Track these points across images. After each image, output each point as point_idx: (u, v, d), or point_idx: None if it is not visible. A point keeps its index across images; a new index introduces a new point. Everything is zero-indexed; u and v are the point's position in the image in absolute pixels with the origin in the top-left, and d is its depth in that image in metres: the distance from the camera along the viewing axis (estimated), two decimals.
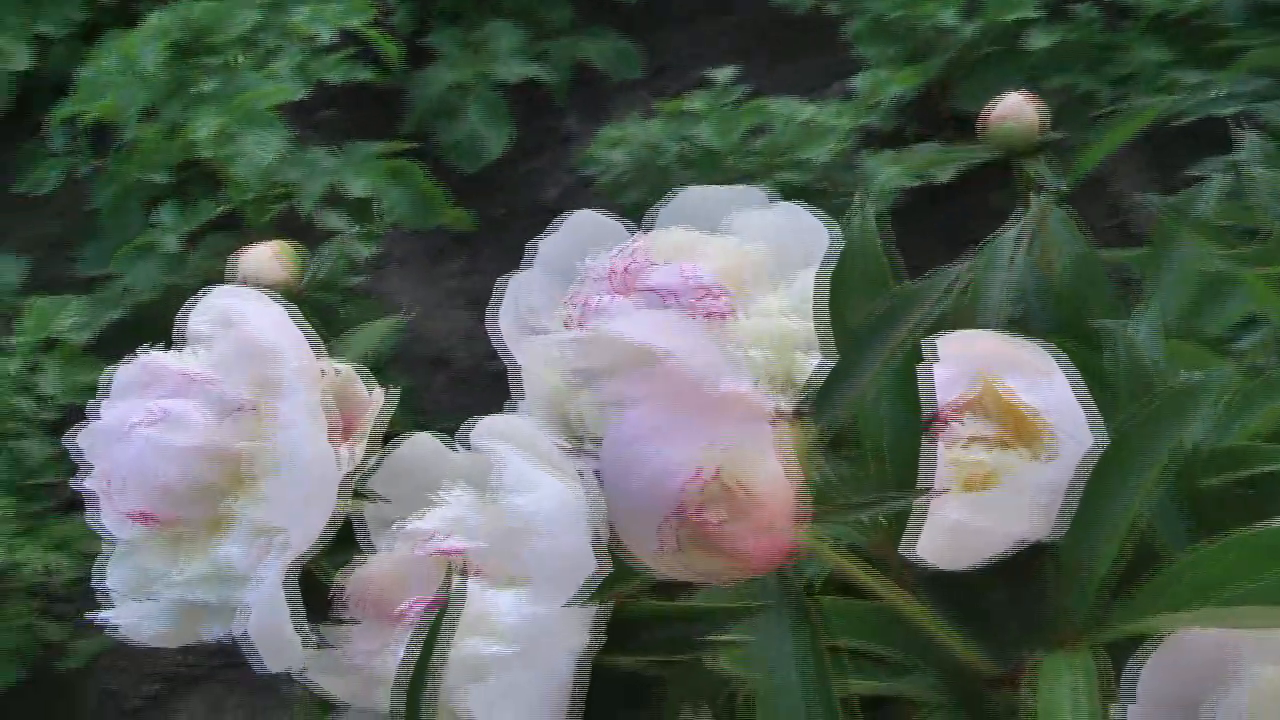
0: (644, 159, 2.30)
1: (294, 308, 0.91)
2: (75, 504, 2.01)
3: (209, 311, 0.89)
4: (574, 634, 0.82)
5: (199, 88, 2.01)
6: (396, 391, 0.89)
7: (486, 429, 0.88)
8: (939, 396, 0.77)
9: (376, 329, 0.96)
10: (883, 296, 0.72)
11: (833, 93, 2.60)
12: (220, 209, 2.10)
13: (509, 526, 0.82)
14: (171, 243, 2.04)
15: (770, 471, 0.59)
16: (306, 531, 0.82)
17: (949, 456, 0.78)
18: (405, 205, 2.10)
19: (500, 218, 2.53)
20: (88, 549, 1.87)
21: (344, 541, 0.90)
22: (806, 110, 2.35)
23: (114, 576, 0.88)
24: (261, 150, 1.93)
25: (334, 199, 2.13)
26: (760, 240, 0.96)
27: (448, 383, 2.38)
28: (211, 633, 0.86)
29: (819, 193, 2.35)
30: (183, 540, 0.85)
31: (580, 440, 0.96)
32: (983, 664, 0.74)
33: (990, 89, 2.48)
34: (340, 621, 0.90)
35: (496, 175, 2.52)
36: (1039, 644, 0.72)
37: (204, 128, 1.92)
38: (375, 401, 0.88)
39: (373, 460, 0.87)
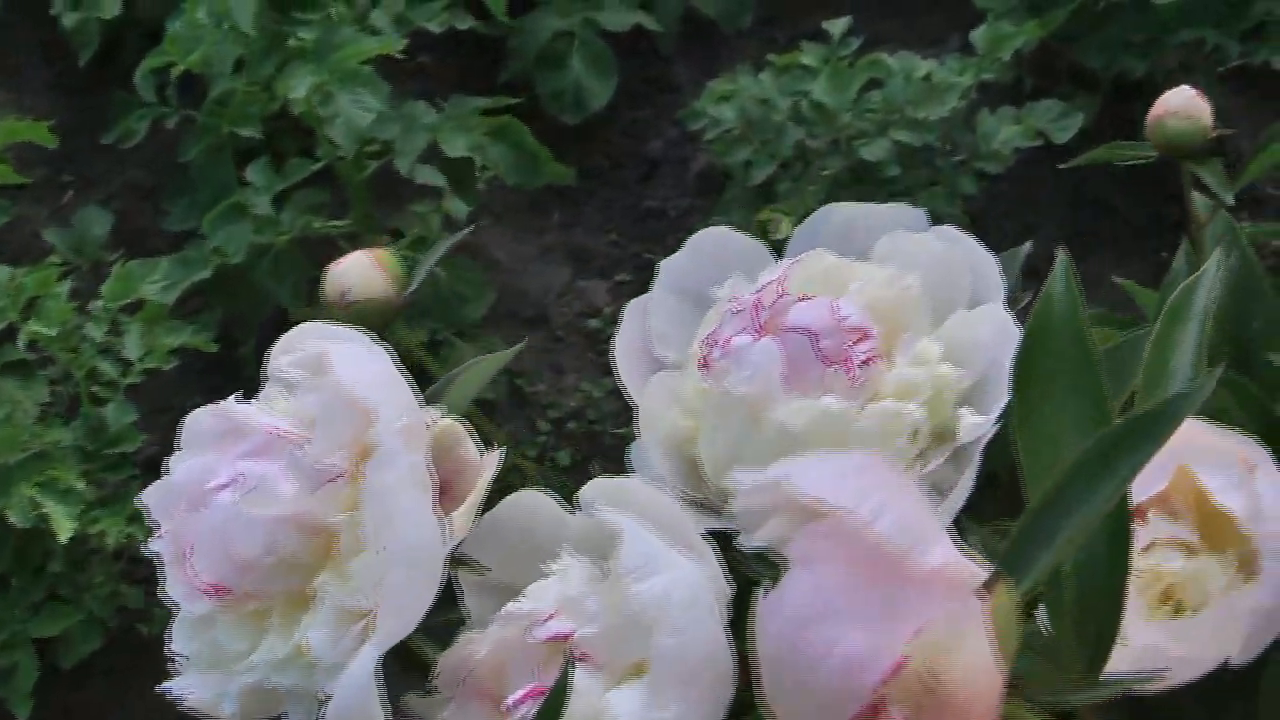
0: (754, 115, 2.17)
1: (391, 352, 0.79)
2: (157, 469, 1.91)
3: (299, 353, 0.77)
4: None
5: (295, 40, 1.89)
6: (504, 450, 0.77)
7: (601, 492, 0.77)
8: None
9: (484, 368, 0.84)
10: (1094, 429, 0.59)
11: (950, 47, 2.46)
12: (314, 166, 1.99)
13: (631, 613, 0.71)
14: (263, 204, 1.93)
15: (974, 657, 0.47)
16: (403, 618, 0.71)
17: (1136, 564, 0.67)
18: (508, 164, 1.98)
19: (602, 170, 2.42)
20: None
21: (441, 601, 0.79)
22: (925, 66, 2.22)
23: (184, 645, 0.78)
24: (360, 111, 1.82)
25: (432, 154, 2.02)
26: (917, 270, 0.84)
27: (544, 341, 2.27)
28: (292, 716, 0.75)
29: (937, 152, 2.22)
30: (262, 618, 0.74)
31: (707, 492, 0.84)
32: None
33: (1114, 42, 2.37)
34: (432, 694, 0.79)
35: (599, 126, 2.41)
36: None
37: (300, 86, 1.81)
38: (486, 465, 0.77)
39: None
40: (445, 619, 0.80)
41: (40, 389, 1.88)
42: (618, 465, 0.87)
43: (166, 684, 0.78)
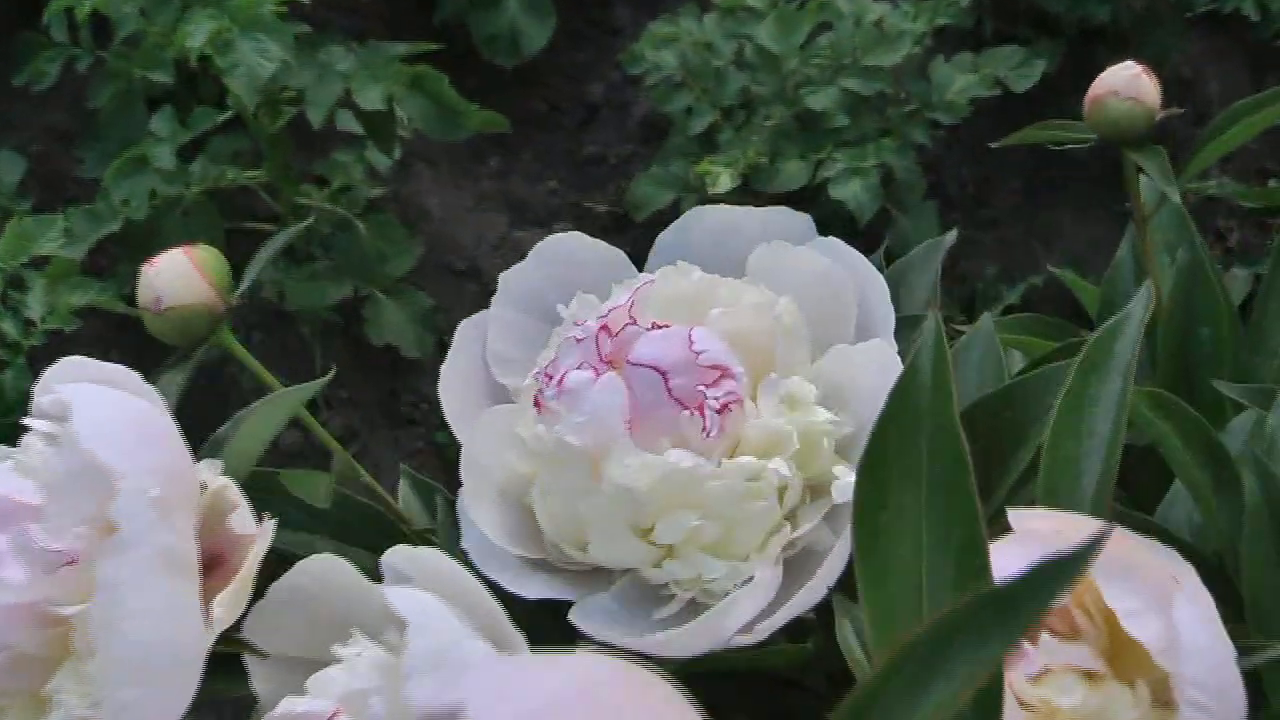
0: (696, 61, 2.04)
1: (155, 394, 0.67)
2: None
3: (51, 397, 0.65)
4: None
5: None
6: (275, 521, 0.65)
7: (401, 563, 0.65)
8: None
9: (276, 410, 0.72)
10: (957, 559, 0.47)
11: None
12: (222, 116, 1.87)
13: None
14: (165, 155, 1.80)
15: None
16: None
17: (1025, 694, 0.55)
18: (426, 116, 1.86)
19: (541, 115, 2.29)
20: None
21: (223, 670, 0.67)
22: (877, 9, 2.10)
23: None
24: (262, 60, 1.69)
25: (350, 102, 1.89)
26: (794, 291, 0.71)
27: (478, 296, 2.15)
28: None
29: (889, 100, 2.10)
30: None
31: (546, 550, 0.73)
32: None
33: None
34: None
35: (537, 69, 2.29)
36: None
37: (199, 33, 1.68)
38: (259, 536, 0.64)
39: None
40: (238, 695, 0.68)
41: None
42: None
43: None
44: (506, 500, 0.73)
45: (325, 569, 0.66)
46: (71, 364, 0.67)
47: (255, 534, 0.64)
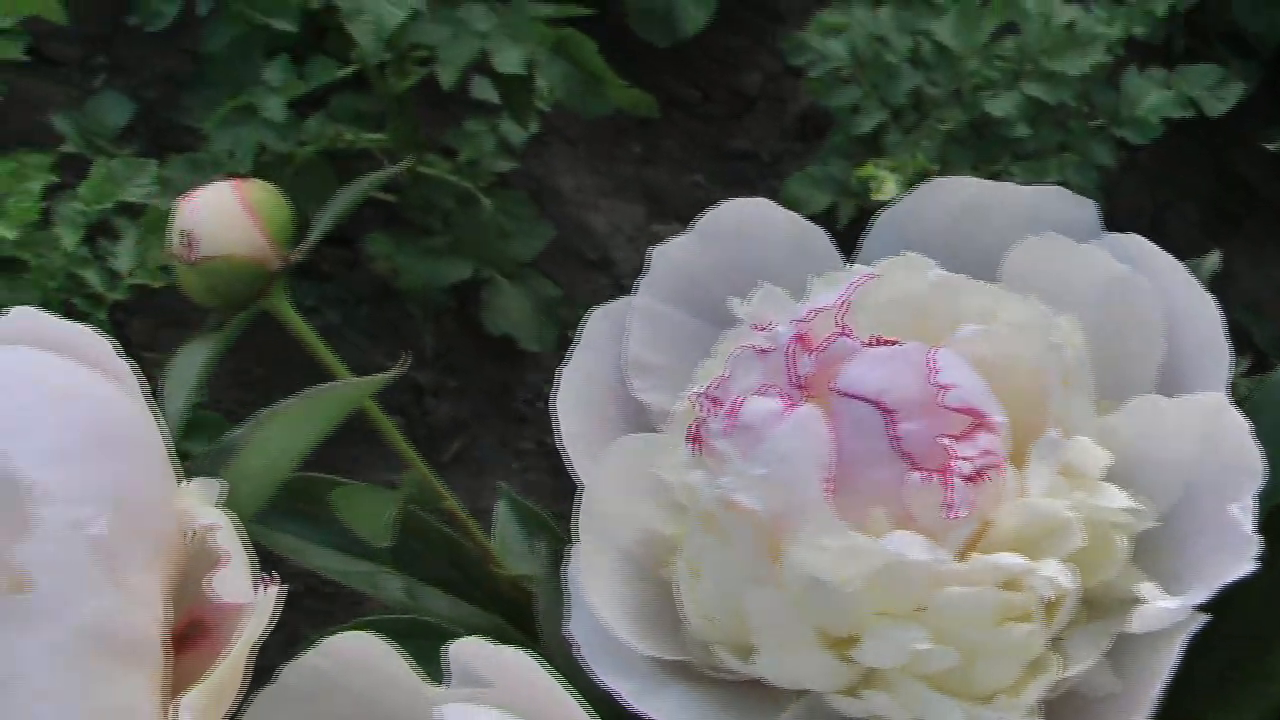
0: (868, 53, 1.81)
1: (131, 376, 0.44)
2: None
3: None
4: None
5: None
6: (284, 590, 0.41)
7: (472, 660, 0.42)
8: None
9: (316, 411, 0.48)
10: None
11: None
12: (344, 71, 1.66)
13: None
14: (275, 107, 1.59)
15: None
16: None
17: None
18: (567, 85, 1.63)
19: (690, 102, 2.07)
20: None
21: None
22: (1067, 12, 1.86)
23: None
24: (391, 6, 1.47)
25: (488, 67, 1.68)
26: (1075, 308, 0.47)
27: (607, 289, 1.94)
28: None
29: (1072, 113, 1.86)
30: None
31: (684, 648, 0.49)
32: None
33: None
34: None
35: (690, 52, 2.06)
36: None
37: None
38: (254, 610, 0.41)
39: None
40: None
41: (29, 292, 1.55)
42: None
43: None
44: (636, 571, 0.49)
45: (359, 654, 0.43)
46: (21, 316, 0.44)
47: (247, 605, 0.41)
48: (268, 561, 0.48)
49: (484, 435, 1.88)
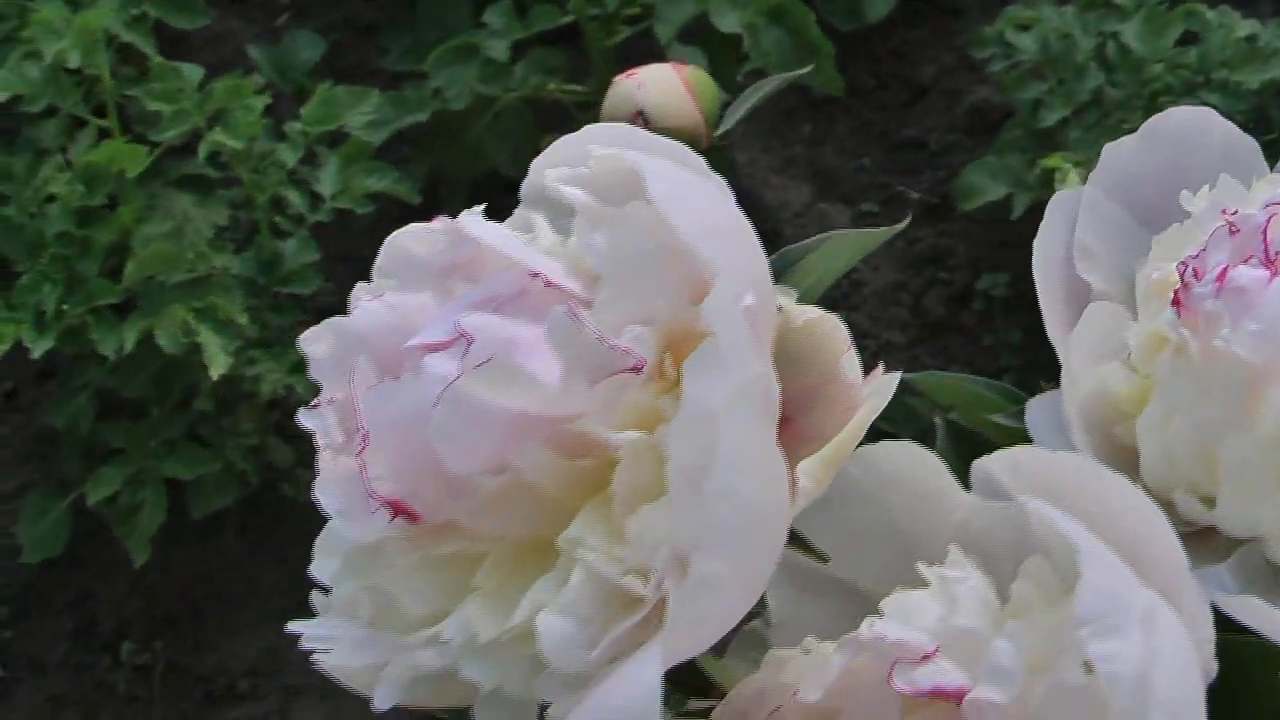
0: (1059, 49, 1.84)
1: (726, 187, 0.49)
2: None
3: (590, 165, 0.47)
4: None
5: None
6: (899, 374, 0.46)
7: (1026, 470, 0.46)
8: None
9: (852, 243, 0.53)
10: None
11: (1262, 11, 2.15)
12: (562, 19, 1.71)
13: (1070, 687, 0.41)
14: (499, 48, 1.64)
15: None
16: (712, 621, 0.40)
17: None
18: (781, 52, 1.65)
19: (865, 89, 2.11)
20: None
21: None
22: (1247, 25, 1.88)
23: (333, 577, 0.48)
24: None
25: (696, 32, 1.72)
26: None
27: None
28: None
29: (1243, 127, 1.89)
30: (466, 568, 0.44)
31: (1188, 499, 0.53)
32: None
33: None
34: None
35: (869, 39, 2.10)
36: None
37: None
38: (870, 391, 0.46)
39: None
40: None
41: (218, 209, 1.60)
42: None
43: (297, 625, 0.48)
44: (1088, 426, 0.54)
45: (905, 461, 0.48)
46: (610, 130, 0.49)
47: (864, 386, 0.46)
48: None
49: None
